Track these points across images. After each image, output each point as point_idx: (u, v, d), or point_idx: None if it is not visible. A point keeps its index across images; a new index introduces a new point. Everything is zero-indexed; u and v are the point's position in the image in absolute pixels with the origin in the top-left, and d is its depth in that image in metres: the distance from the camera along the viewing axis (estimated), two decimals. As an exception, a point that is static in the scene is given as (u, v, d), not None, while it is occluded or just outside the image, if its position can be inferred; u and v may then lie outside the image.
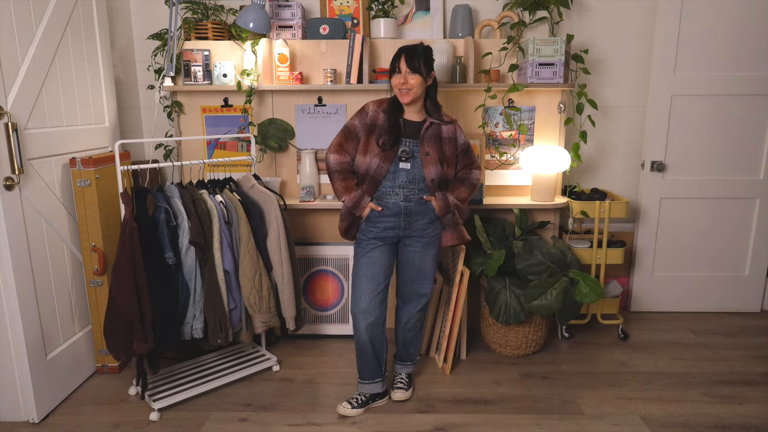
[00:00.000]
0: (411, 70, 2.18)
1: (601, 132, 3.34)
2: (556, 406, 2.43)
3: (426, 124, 2.27)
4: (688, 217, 3.34)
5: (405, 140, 2.26)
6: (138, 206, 2.30)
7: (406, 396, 2.48)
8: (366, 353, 2.36)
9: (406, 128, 2.28)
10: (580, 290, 2.68)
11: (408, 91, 2.19)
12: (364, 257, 2.33)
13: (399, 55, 2.21)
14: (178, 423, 2.31)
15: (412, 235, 2.35)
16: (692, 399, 2.48)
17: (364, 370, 2.40)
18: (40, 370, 2.30)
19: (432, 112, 2.31)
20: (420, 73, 2.18)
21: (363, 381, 2.41)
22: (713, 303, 3.46)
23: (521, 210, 2.98)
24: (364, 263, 2.33)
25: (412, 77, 2.18)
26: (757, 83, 3.14)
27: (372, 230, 2.32)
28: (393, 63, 2.23)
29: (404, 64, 2.18)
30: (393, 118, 2.26)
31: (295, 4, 3.00)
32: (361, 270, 2.33)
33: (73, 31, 2.54)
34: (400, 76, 2.19)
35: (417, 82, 2.19)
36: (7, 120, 2.11)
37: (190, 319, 2.40)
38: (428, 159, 2.25)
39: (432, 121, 2.28)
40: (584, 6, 3.18)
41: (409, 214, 2.30)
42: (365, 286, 2.31)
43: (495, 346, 2.91)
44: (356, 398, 2.40)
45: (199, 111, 3.11)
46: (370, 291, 2.31)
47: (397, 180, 2.26)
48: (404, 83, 2.19)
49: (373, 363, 2.38)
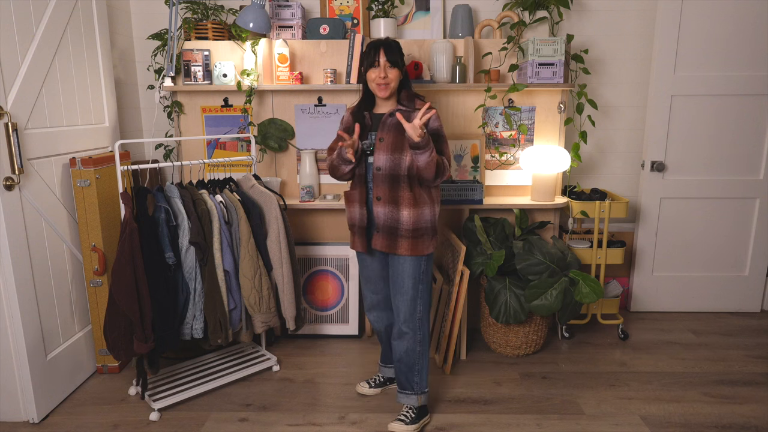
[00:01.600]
0: (390, 64, 2.12)
1: (601, 132, 3.34)
2: (556, 406, 2.43)
3: (390, 111, 2.16)
4: (688, 217, 3.34)
5: (371, 134, 2.19)
6: (138, 206, 2.30)
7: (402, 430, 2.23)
8: (382, 340, 2.51)
9: (373, 121, 2.20)
10: (580, 290, 2.68)
11: (387, 85, 2.13)
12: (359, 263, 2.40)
13: (377, 49, 2.12)
14: (178, 423, 2.31)
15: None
16: (692, 399, 2.48)
17: (384, 353, 2.54)
18: (40, 370, 2.30)
19: (404, 101, 2.19)
20: (398, 67, 2.13)
21: (383, 364, 2.57)
22: (713, 303, 3.45)
23: (521, 210, 2.98)
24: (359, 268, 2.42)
25: (391, 71, 2.12)
26: (757, 83, 3.14)
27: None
28: (369, 57, 2.14)
29: (383, 57, 2.11)
30: (358, 112, 2.21)
31: (295, 4, 3.00)
32: (360, 275, 2.45)
33: (73, 31, 2.54)
34: (379, 69, 2.11)
35: (395, 76, 2.13)
36: (7, 120, 2.11)
37: (190, 319, 2.40)
38: (380, 145, 2.13)
39: (398, 108, 2.16)
40: (584, 6, 3.18)
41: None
42: (365, 291, 2.43)
43: (495, 346, 2.91)
44: (375, 378, 2.57)
45: (199, 111, 3.11)
46: (370, 294, 2.41)
47: (369, 175, 2.19)
48: (384, 77, 2.11)
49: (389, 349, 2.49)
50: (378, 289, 2.36)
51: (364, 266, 2.35)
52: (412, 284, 2.19)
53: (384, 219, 2.15)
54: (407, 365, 2.25)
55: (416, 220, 2.13)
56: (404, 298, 2.20)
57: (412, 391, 2.28)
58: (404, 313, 2.20)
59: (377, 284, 2.35)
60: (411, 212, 2.12)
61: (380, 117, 2.19)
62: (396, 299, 2.22)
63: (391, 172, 2.12)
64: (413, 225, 2.13)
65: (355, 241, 2.29)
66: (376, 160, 2.13)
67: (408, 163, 2.11)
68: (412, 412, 2.27)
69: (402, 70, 2.17)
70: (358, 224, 2.24)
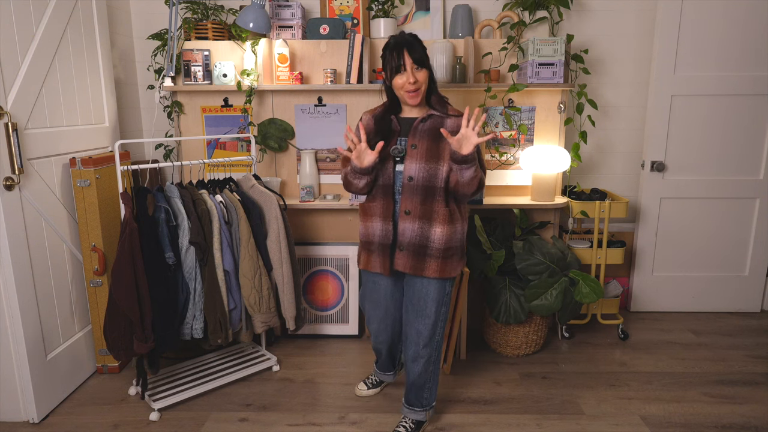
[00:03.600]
0: (417, 65, 1.88)
1: (601, 132, 3.34)
2: (556, 406, 2.43)
3: (423, 115, 1.97)
4: (688, 217, 3.34)
5: (400, 139, 1.97)
6: (138, 206, 2.30)
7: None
8: (382, 354, 2.44)
9: (402, 126, 1.99)
10: (580, 290, 2.68)
11: (417, 90, 1.90)
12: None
13: (400, 50, 1.87)
14: (178, 423, 2.31)
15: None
16: (692, 399, 2.48)
17: (384, 364, 2.48)
18: (40, 370, 2.30)
19: (436, 105, 1.99)
20: (426, 67, 1.90)
21: (382, 371, 2.50)
22: (713, 303, 3.45)
23: (521, 210, 2.98)
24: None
25: (419, 73, 1.88)
26: (758, 83, 3.14)
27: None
28: (392, 61, 1.90)
29: (409, 59, 1.86)
30: (384, 117, 2.00)
31: (295, 4, 3.00)
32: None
33: (73, 31, 2.54)
34: (407, 74, 1.87)
35: (424, 77, 1.90)
36: (7, 120, 2.11)
37: (190, 319, 2.40)
38: (413, 152, 1.91)
39: (431, 113, 1.96)
40: (584, 6, 3.18)
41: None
42: (371, 317, 2.28)
43: (495, 346, 2.91)
44: (371, 379, 2.54)
45: (199, 111, 3.11)
46: (376, 322, 2.25)
47: (396, 185, 1.97)
48: (413, 81, 1.87)
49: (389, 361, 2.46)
50: (387, 315, 2.16)
51: (374, 288, 2.12)
52: (435, 308, 1.99)
53: (411, 236, 1.93)
54: (419, 386, 2.12)
55: (448, 239, 1.94)
56: (425, 323, 2.01)
57: (420, 408, 2.16)
58: (425, 338, 2.02)
59: (387, 308, 2.14)
60: (444, 230, 1.92)
61: (410, 121, 1.97)
62: (415, 323, 2.03)
63: (426, 183, 1.90)
64: (445, 244, 1.93)
65: (371, 261, 2.02)
66: (408, 169, 1.91)
67: (445, 174, 1.90)
68: (411, 423, 2.18)
69: (429, 68, 1.93)
70: (380, 241, 1.98)
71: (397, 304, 2.14)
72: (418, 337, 2.03)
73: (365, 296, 2.21)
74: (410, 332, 2.05)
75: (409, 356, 2.09)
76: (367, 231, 2.03)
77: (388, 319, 2.18)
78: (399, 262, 1.97)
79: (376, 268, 2.02)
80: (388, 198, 1.96)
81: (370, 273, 2.11)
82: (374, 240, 2.01)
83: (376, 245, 2.01)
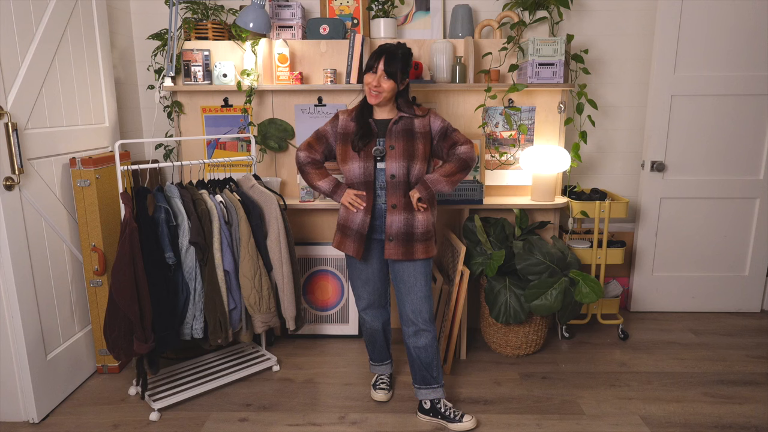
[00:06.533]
0: (387, 75, 2.10)
1: (601, 132, 3.34)
2: (556, 406, 2.43)
3: (394, 118, 2.18)
4: (688, 217, 3.34)
5: (379, 140, 2.18)
6: (138, 206, 2.30)
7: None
8: (376, 339, 2.51)
9: (378, 128, 2.20)
10: (580, 290, 2.68)
11: (378, 93, 2.12)
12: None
13: (379, 56, 2.12)
14: (178, 423, 2.31)
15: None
16: (692, 399, 2.48)
17: (379, 351, 2.52)
18: (40, 370, 2.30)
19: (404, 108, 2.20)
20: (394, 80, 2.11)
21: (377, 362, 2.54)
22: (713, 303, 3.45)
23: (521, 210, 2.98)
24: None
25: (386, 82, 2.11)
26: (757, 83, 3.14)
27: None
28: (370, 60, 2.14)
29: (381, 66, 2.10)
30: (361, 120, 2.20)
31: (295, 4, 3.00)
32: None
33: (73, 31, 2.54)
34: (375, 76, 2.11)
35: (389, 87, 2.12)
36: (7, 120, 2.11)
37: (190, 319, 2.40)
38: (392, 153, 2.15)
39: (402, 115, 2.19)
40: (584, 6, 3.18)
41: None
42: (361, 292, 2.40)
43: (495, 346, 2.91)
44: (384, 380, 2.53)
45: (199, 111, 3.11)
46: (367, 295, 2.40)
47: (378, 181, 2.20)
48: (377, 85, 2.11)
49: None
50: (376, 289, 2.35)
51: (361, 269, 2.33)
52: (425, 282, 2.24)
53: (398, 227, 2.17)
54: (426, 362, 2.28)
55: (427, 223, 2.20)
56: (419, 296, 2.23)
57: (437, 384, 2.30)
58: (425, 311, 2.23)
59: (375, 284, 2.34)
60: (424, 216, 2.19)
61: (384, 123, 2.20)
62: (410, 300, 2.23)
63: (406, 179, 2.16)
64: (425, 228, 2.20)
65: (345, 243, 2.25)
66: (389, 168, 2.15)
67: (417, 171, 2.17)
68: (443, 406, 2.30)
69: (399, 82, 2.14)
70: (358, 229, 2.21)
71: (383, 281, 2.37)
72: (417, 313, 2.24)
73: (355, 276, 2.37)
74: (406, 311, 2.26)
75: (410, 333, 2.27)
76: (347, 216, 2.25)
77: (377, 293, 2.38)
78: (390, 252, 2.19)
79: (349, 250, 2.24)
80: (370, 193, 2.19)
81: (351, 257, 2.32)
82: (352, 227, 2.23)
83: (354, 232, 2.23)
